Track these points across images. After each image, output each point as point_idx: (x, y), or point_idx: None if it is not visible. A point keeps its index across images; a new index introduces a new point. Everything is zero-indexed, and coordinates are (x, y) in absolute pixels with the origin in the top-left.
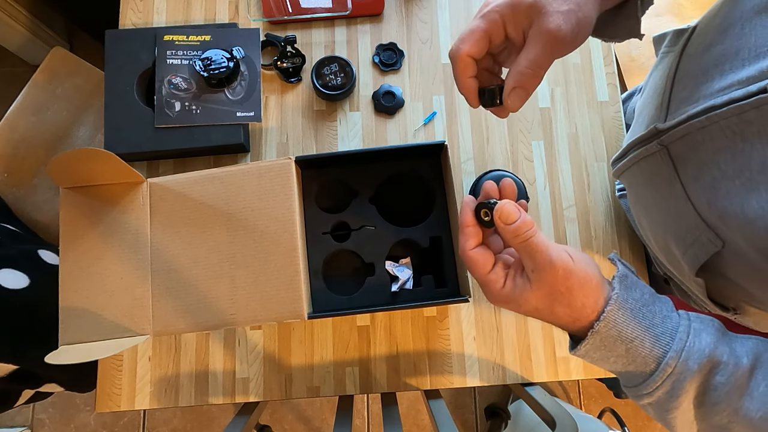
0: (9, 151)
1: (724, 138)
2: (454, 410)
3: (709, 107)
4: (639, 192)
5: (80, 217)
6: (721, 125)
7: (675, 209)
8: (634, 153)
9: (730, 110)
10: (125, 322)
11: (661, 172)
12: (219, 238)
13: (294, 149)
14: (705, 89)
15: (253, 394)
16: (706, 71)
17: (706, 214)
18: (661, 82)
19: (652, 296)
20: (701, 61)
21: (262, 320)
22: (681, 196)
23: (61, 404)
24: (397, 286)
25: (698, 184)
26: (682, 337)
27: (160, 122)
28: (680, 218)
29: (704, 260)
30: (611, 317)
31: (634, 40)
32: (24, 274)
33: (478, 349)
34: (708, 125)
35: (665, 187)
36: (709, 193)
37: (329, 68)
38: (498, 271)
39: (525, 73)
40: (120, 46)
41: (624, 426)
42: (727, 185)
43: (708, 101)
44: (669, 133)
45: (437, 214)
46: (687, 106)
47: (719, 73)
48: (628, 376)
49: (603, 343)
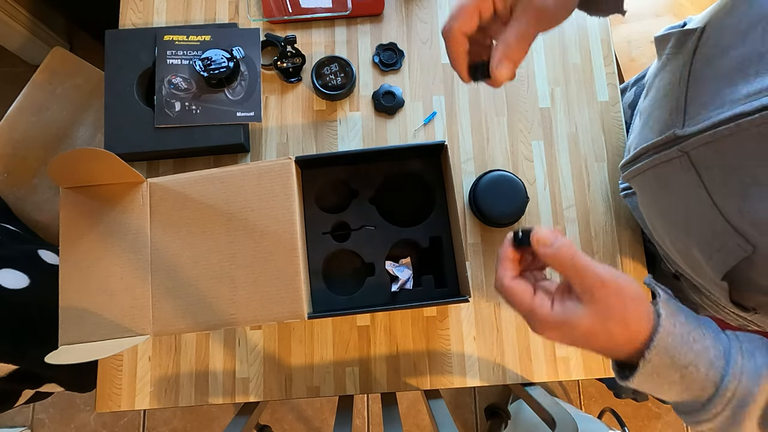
0: (9, 151)
1: (755, 144)
2: (454, 410)
3: (739, 114)
4: (654, 197)
5: (80, 217)
6: (752, 132)
7: (698, 215)
8: (649, 159)
9: (762, 117)
10: (125, 322)
11: (681, 178)
12: (219, 238)
13: (294, 149)
14: (730, 94)
15: (253, 394)
16: (729, 75)
17: (736, 220)
18: (673, 85)
19: (697, 319)
20: (720, 64)
21: (262, 320)
22: (706, 202)
23: (61, 404)
24: (397, 286)
25: (727, 190)
26: (736, 359)
27: (160, 122)
28: (705, 224)
29: (732, 265)
30: (662, 344)
31: (634, 41)
32: (24, 274)
33: (478, 349)
34: (737, 132)
35: (686, 193)
36: (740, 200)
37: (329, 68)
38: (541, 295)
39: (511, 45)
40: (120, 46)
41: (624, 426)
42: (760, 191)
43: (736, 107)
44: (691, 139)
45: (437, 214)
46: (710, 111)
47: (743, 78)
48: (685, 403)
49: (655, 370)
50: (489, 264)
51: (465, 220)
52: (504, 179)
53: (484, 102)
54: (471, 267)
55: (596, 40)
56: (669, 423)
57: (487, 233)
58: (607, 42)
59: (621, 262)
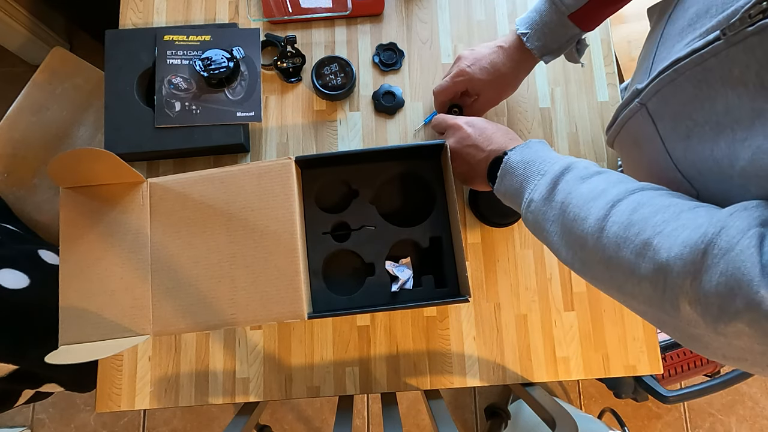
0: (9, 151)
1: (692, 88)
2: (454, 410)
3: (675, 60)
4: (629, 156)
5: (80, 217)
6: (687, 76)
7: (657, 166)
8: (621, 116)
9: (692, 60)
10: (125, 322)
11: (644, 130)
12: (219, 238)
13: (294, 149)
14: (678, 47)
15: (253, 394)
16: (682, 31)
17: (682, 164)
18: (647, 49)
19: None
20: (679, 22)
21: (262, 320)
22: (661, 150)
23: (61, 404)
24: (397, 286)
25: (674, 135)
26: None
27: (160, 122)
28: (662, 175)
29: None
30: (517, 150)
31: (634, 41)
32: (24, 274)
33: (478, 349)
34: (676, 78)
35: (648, 145)
36: (684, 143)
37: (329, 68)
38: None
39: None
40: (120, 46)
41: (624, 426)
42: (699, 132)
43: (675, 55)
44: (645, 90)
45: (437, 214)
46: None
47: (691, 31)
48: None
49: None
50: (489, 264)
51: (465, 220)
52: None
53: None
54: (471, 267)
55: (596, 40)
56: (669, 423)
57: (487, 233)
58: (607, 42)
59: None
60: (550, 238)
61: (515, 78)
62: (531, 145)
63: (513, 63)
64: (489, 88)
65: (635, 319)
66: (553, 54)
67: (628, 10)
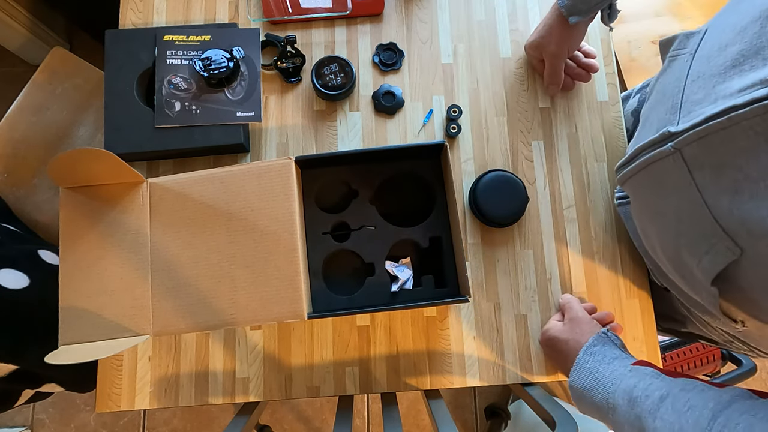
0: (9, 151)
1: (747, 139)
2: (454, 410)
3: (730, 107)
4: (647, 198)
5: (80, 217)
6: (743, 126)
7: (689, 215)
8: (643, 158)
9: (753, 110)
10: (125, 322)
11: (673, 176)
12: (219, 238)
13: (294, 149)
14: (723, 89)
15: (253, 394)
16: (725, 72)
17: (725, 219)
18: (672, 85)
19: (612, 359)
20: (717, 61)
21: (262, 320)
22: (697, 201)
23: (61, 404)
24: (397, 286)
25: (717, 188)
26: (616, 383)
27: (160, 122)
28: (695, 225)
29: (721, 268)
30: (574, 375)
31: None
32: (24, 274)
33: (478, 349)
34: (729, 126)
35: (678, 192)
36: (731, 197)
37: (329, 68)
38: None
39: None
40: (120, 46)
41: None
42: (751, 188)
43: (728, 101)
44: (684, 135)
45: (437, 214)
46: (703, 107)
47: (738, 73)
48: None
49: (575, 389)
50: (489, 264)
51: (465, 220)
52: (504, 179)
53: (484, 102)
54: (471, 267)
55: (596, 40)
56: None
57: (487, 233)
58: (607, 42)
59: (621, 261)
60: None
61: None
62: (582, 365)
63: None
64: (545, 46)
65: (635, 319)
66: (581, 14)
67: (628, 10)
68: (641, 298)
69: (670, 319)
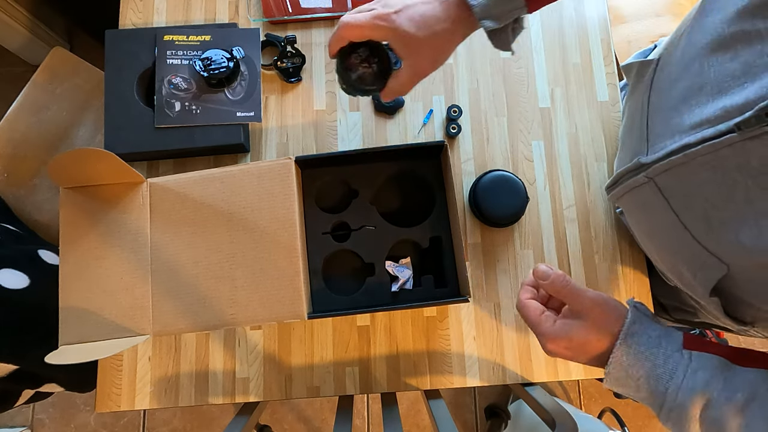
0: (9, 151)
1: (706, 173)
2: (454, 410)
3: (685, 145)
4: (638, 218)
5: (80, 217)
6: (700, 161)
7: (675, 237)
8: (624, 183)
9: (705, 148)
10: (125, 322)
11: (653, 203)
12: (219, 238)
13: (294, 149)
14: (678, 124)
15: (253, 394)
16: (676, 106)
17: (705, 241)
18: (636, 115)
19: (659, 338)
20: (669, 95)
21: (262, 320)
22: (677, 225)
23: (61, 404)
24: (397, 286)
25: (691, 214)
26: (679, 377)
27: (160, 122)
28: (683, 245)
29: (715, 282)
30: (617, 360)
31: (634, 41)
32: (24, 274)
33: (478, 349)
34: (687, 161)
35: (660, 215)
36: (705, 224)
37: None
38: (548, 314)
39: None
40: (120, 46)
41: (624, 426)
42: (719, 215)
43: (683, 138)
44: (653, 167)
45: (437, 214)
46: (664, 141)
47: (687, 109)
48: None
49: (616, 379)
50: (489, 264)
51: (465, 220)
52: (504, 179)
53: (484, 102)
54: (471, 267)
55: (596, 40)
56: None
57: (487, 233)
58: (607, 42)
59: (621, 261)
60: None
61: (448, 42)
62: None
63: (449, 21)
64: (416, 47)
65: None
66: (493, 19)
67: (628, 10)
68: (641, 298)
69: (680, 310)
